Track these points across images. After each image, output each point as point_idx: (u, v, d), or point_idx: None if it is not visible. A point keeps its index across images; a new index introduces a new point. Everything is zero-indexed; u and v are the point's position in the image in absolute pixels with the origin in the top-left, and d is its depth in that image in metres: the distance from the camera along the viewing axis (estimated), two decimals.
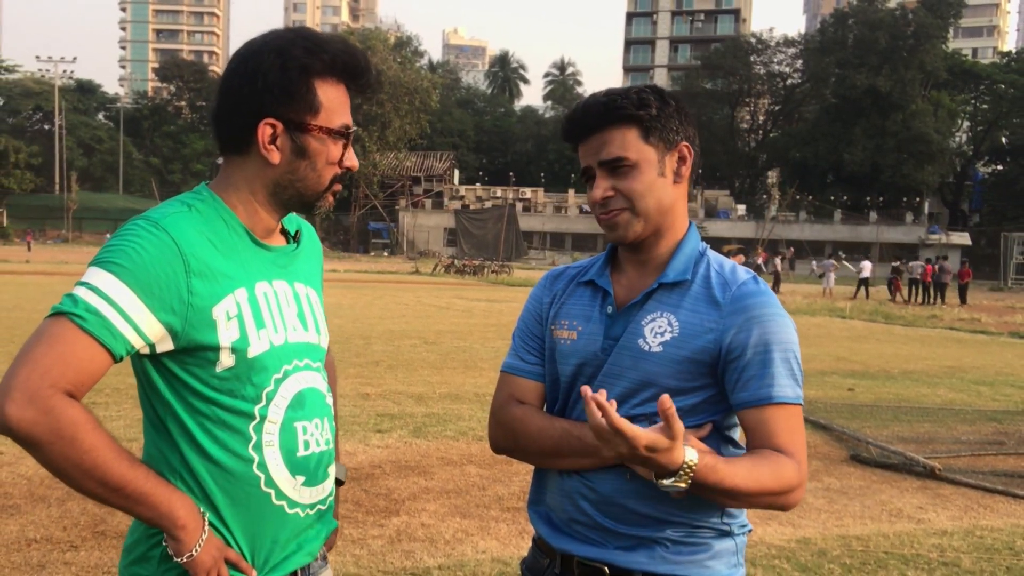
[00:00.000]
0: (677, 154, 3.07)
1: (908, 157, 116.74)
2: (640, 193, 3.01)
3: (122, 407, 13.29)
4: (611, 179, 3.03)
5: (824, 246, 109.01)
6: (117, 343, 2.63)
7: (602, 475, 3.02)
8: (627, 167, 3.01)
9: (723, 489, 2.77)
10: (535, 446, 3.15)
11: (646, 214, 3.04)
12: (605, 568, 3.01)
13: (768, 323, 2.94)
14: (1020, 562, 8.53)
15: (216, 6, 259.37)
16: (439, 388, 16.86)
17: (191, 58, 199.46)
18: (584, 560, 3.05)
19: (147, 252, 2.68)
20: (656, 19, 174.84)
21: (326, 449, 3.10)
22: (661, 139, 3.03)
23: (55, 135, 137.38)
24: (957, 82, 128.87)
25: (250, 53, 2.91)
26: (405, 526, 8.92)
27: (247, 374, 2.86)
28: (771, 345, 2.92)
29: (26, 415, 2.49)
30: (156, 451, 2.92)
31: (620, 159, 3.00)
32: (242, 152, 2.94)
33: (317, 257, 3.35)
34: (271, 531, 2.96)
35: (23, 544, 7.96)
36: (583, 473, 3.06)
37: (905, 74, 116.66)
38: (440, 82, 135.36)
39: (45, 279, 45.95)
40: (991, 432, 14.63)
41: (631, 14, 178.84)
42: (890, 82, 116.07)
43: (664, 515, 2.98)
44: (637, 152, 3.00)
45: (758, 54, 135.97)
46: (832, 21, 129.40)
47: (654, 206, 3.04)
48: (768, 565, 8.17)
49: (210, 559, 2.77)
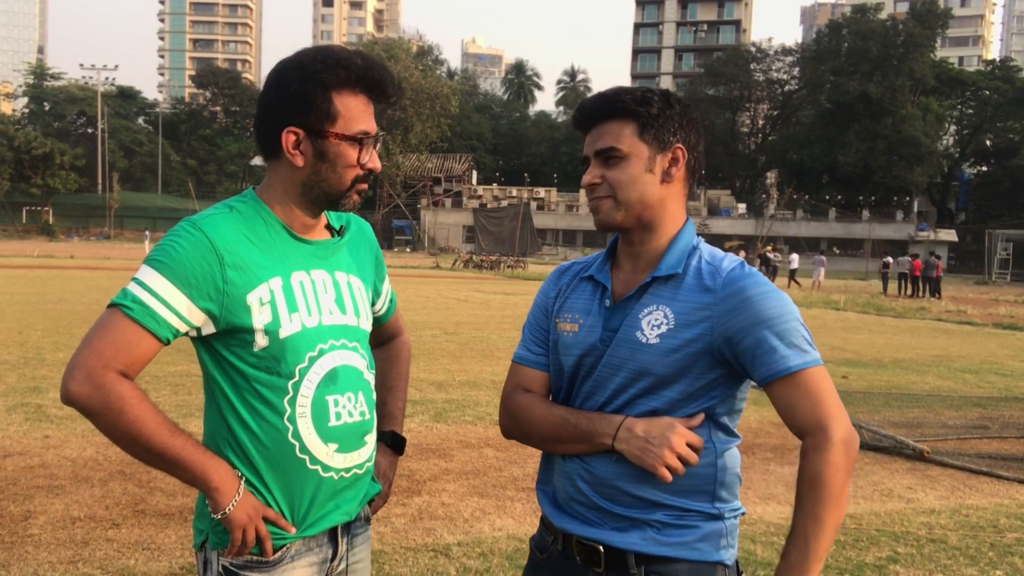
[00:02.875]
0: (670, 155, 3.07)
1: (898, 159, 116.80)
2: (623, 184, 3.03)
3: (160, 393, 13.33)
4: (602, 167, 3.06)
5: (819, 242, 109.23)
6: (161, 328, 2.91)
7: (598, 458, 3.03)
8: (616, 158, 3.03)
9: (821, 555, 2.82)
10: (536, 431, 3.19)
11: (627, 204, 3.04)
12: (600, 547, 3.01)
13: (761, 301, 2.92)
14: (1003, 539, 8.53)
15: (249, 18, 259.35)
16: (458, 376, 16.90)
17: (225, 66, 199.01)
18: (582, 539, 3.06)
19: (184, 249, 2.93)
20: (662, 29, 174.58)
21: (360, 420, 3.22)
22: (656, 138, 3.04)
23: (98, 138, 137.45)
24: (944, 88, 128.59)
25: (279, 70, 3.13)
26: (426, 505, 8.95)
27: (281, 353, 3.05)
28: (769, 321, 2.89)
29: (83, 390, 2.80)
30: (211, 422, 3.16)
31: (612, 149, 3.03)
32: (276, 157, 3.13)
33: (367, 250, 3.51)
34: (308, 492, 3.12)
35: (68, 522, 7.99)
36: (582, 456, 3.07)
37: (895, 81, 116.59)
38: (459, 88, 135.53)
39: (88, 273, 46.12)
40: (976, 417, 14.62)
41: (638, 25, 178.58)
42: (881, 88, 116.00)
43: (656, 498, 2.98)
44: (629, 146, 3.02)
45: (758, 62, 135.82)
46: (827, 31, 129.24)
47: (635, 198, 3.04)
48: (767, 542, 8.17)
49: (244, 516, 2.98)
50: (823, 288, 59.10)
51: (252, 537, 3.01)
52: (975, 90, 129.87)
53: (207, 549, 3.12)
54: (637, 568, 2.97)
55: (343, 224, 3.40)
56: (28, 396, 13.27)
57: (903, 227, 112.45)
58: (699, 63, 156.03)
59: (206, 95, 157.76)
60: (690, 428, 2.95)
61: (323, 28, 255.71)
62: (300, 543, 3.14)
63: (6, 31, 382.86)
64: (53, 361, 16.49)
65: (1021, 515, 9.42)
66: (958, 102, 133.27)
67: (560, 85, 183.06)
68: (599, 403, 3.08)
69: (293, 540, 3.12)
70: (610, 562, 3.01)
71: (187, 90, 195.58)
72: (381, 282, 3.60)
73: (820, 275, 61.92)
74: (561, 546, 3.15)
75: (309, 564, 3.17)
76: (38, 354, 17.43)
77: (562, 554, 3.14)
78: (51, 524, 7.91)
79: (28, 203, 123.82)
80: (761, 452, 11.68)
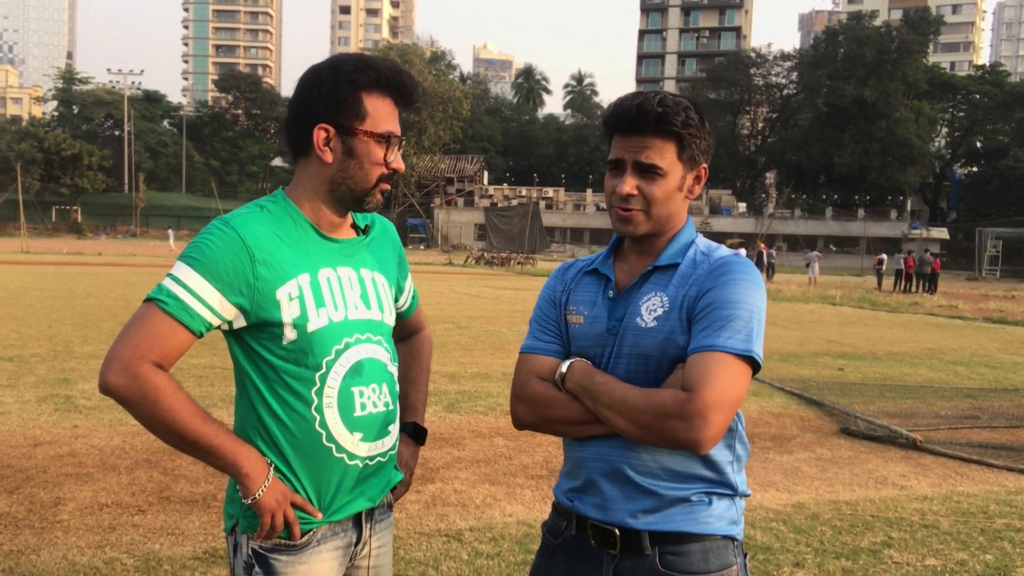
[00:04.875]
0: (695, 173, 3.10)
1: (892, 160, 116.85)
2: (660, 200, 3.03)
3: (185, 384, 13.16)
4: (639, 179, 3.03)
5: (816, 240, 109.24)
6: (195, 322, 2.94)
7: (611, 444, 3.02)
8: (657, 175, 3.01)
9: (590, 389, 2.99)
10: (560, 416, 3.13)
11: (657, 218, 3.06)
12: (616, 530, 3.00)
13: (735, 285, 2.92)
14: (993, 524, 8.53)
15: (269, 24, 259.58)
16: (470, 368, 16.89)
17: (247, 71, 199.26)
18: (597, 523, 3.05)
19: (216, 246, 2.97)
20: (665, 36, 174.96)
21: (384, 410, 3.27)
22: (690, 158, 3.05)
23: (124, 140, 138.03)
24: (936, 92, 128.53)
25: (312, 71, 3.18)
26: (440, 492, 8.95)
27: (309, 346, 3.08)
28: (730, 302, 2.89)
29: (119, 380, 2.84)
30: (242, 412, 3.19)
31: (655, 167, 3.00)
32: (306, 154, 3.17)
33: (391, 248, 3.54)
34: (334, 479, 3.16)
35: (96, 508, 8.00)
36: (596, 443, 3.06)
37: (889, 85, 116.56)
38: (471, 92, 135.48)
39: (115, 270, 46.22)
40: (967, 407, 14.61)
41: (643, 31, 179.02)
42: (876, 92, 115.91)
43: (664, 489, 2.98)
44: (670, 165, 3.01)
45: (757, 67, 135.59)
46: (824, 37, 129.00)
47: (665, 213, 3.06)
48: (766, 527, 8.17)
49: (273, 502, 3.02)
50: (819, 284, 59.05)
51: (280, 521, 3.05)
52: (966, 94, 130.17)
53: (237, 533, 3.16)
54: (651, 549, 2.97)
55: (368, 224, 3.44)
56: (58, 387, 13.29)
57: (897, 225, 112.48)
58: (701, 68, 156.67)
59: (228, 99, 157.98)
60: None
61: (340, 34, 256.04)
62: (326, 528, 3.18)
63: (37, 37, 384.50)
64: (82, 354, 16.55)
65: (1010, 501, 9.42)
66: (949, 105, 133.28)
67: (568, 89, 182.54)
68: None
69: (319, 525, 3.15)
70: (625, 544, 3.00)
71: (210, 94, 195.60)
72: (404, 279, 3.63)
73: (815, 271, 61.90)
74: (575, 530, 3.14)
75: (334, 548, 3.21)
76: (67, 347, 17.46)
77: (576, 538, 3.14)
78: (80, 510, 7.93)
79: (58, 202, 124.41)
80: (760, 441, 11.67)
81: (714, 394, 2.76)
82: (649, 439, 2.88)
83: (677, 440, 2.81)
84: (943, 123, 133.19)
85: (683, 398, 2.78)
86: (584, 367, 3.06)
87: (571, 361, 3.10)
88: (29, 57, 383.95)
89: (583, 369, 3.05)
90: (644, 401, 2.85)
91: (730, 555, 3.04)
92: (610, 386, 2.95)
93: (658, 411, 2.81)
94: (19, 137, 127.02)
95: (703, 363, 2.82)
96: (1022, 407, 14.86)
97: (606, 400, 2.94)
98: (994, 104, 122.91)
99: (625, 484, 3.01)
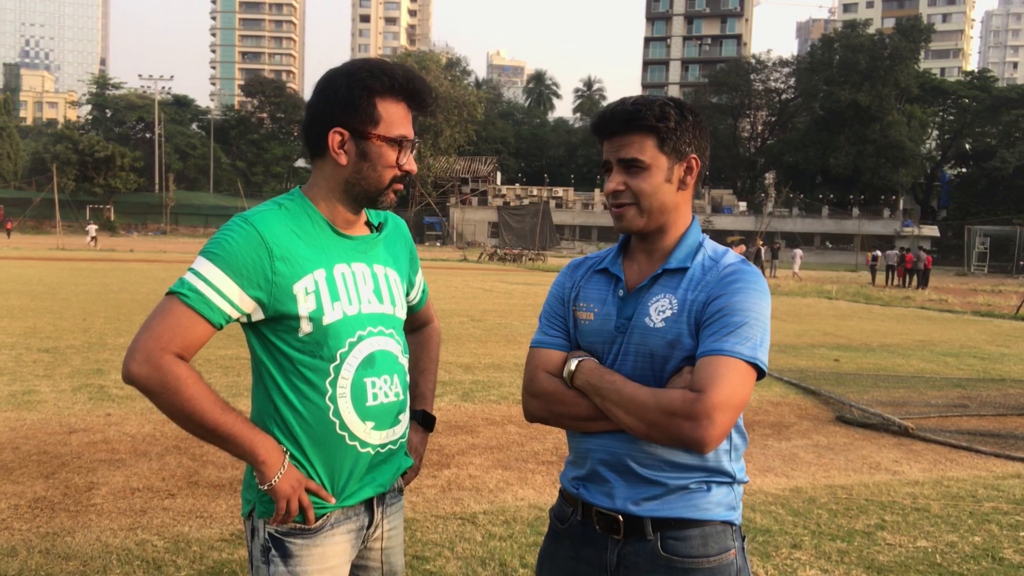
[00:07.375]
0: (685, 164, 3.07)
1: (885, 161, 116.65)
2: (646, 193, 3.02)
3: (212, 374, 13.38)
4: (625, 176, 3.04)
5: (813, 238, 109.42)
6: (214, 314, 2.95)
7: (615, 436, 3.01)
8: (639, 168, 3.01)
9: (598, 387, 2.98)
10: (569, 411, 3.11)
11: (649, 211, 3.04)
12: (620, 517, 3.00)
13: (742, 293, 2.91)
14: (981, 508, 8.51)
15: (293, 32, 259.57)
16: (484, 359, 16.89)
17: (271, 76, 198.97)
18: (602, 509, 3.05)
19: (236, 242, 2.97)
20: (670, 43, 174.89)
21: (395, 400, 3.27)
22: (674, 150, 3.03)
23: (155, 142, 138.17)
24: (927, 97, 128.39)
25: (328, 76, 3.16)
26: (455, 477, 8.95)
27: (324, 338, 3.08)
28: (739, 309, 2.88)
29: (142, 370, 2.84)
30: (259, 401, 3.19)
31: (635, 160, 3.00)
32: (322, 156, 3.16)
33: (403, 245, 3.54)
34: (347, 466, 3.17)
35: (127, 492, 8.01)
36: (600, 435, 3.05)
37: (883, 90, 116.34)
38: (485, 97, 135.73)
39: (147, 266, 46.34)
40: (957, 396, 14.58)
41: (648, 39, 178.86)
42: (870, 97, 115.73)
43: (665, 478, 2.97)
44: (651, 158, 3.00)
45: (757, 73, 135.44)
46: (820, 45, 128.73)
47: (657, 206, 3.04)
48: (765, 511, 8.16)
49: (288, 487, 3.03)
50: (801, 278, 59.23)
51: (296, 506, 3.05)
52: (955, 98, 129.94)
53: (254, 517, 3.16)
54: (654, 534, 2.97)
55: (381, 221, 3.44)
56: (92, 377, 13.31)
57: (890, 223, 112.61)
58: (704, 74, 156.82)
59: (254, 103, 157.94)
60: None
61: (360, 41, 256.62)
62: (339, 512, 3.18)
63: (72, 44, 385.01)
64: (115, 346, 16.56)
65: (997, 486, 9.40)
66: (940, 109, 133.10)
67: (577, 94, 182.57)
68: None
69: (333, 510, 3.16)
70: (629, 530, 3.00)
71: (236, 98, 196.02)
72: (415, 274, 3.62)
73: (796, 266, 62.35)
74: (581, 516, 3.13)
75: (347, 531, 3.21)
76: (101, 339, 17.50)
77: (582, 523, 3.13)
78: (112, 494, 7.94)
79: (92, 201, 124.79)
80: (760, 428, 11.65)
81: (722, 396, 2.77)
82: (655, 437, 2.88)
83: (683, 439, 2.81)
84: (934, 126, 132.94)
85: (692, 398, 2.78)
86: (593, 366, 3.05)
87: (580, 359, 3.09)
88: (64, 63, 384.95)
89: (592, 368, 3.04)
90: (653, 400, 2.85)
91: (728, 539, 3.03)
92: (619, 384, 2.95)
93: (666, 410, 2.81)
94: (55, 139, 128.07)
95: (712, 366, 2.81)
96: (1009, 396, 14.87)
97: (615, 398, 2.94)
98: (982, 108, 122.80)
99: (628, 474, 3.01)
